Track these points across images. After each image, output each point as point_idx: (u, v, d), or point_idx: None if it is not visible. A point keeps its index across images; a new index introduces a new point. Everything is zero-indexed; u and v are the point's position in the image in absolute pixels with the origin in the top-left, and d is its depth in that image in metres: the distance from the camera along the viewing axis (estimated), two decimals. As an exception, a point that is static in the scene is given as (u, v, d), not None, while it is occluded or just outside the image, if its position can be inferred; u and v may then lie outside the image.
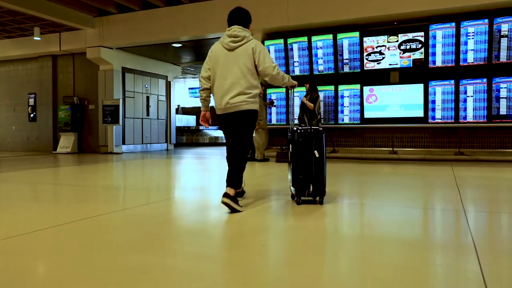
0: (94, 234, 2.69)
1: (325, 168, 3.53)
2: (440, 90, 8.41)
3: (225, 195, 3.19)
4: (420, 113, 8.48)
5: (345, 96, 9.20)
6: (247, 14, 3.48)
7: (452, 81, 8.30)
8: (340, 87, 9.23)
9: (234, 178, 3.31)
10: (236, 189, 3.29)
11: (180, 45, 11.33)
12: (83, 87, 12.42)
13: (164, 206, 3.74)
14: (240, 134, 3.40)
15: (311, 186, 3.44)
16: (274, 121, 9.89)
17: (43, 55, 12.57)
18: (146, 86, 13.12)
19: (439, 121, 8.41)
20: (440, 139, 8.70)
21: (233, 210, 3.19)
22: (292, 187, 3.62)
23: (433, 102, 8.47)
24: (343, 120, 9.23)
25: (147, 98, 13.18)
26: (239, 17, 3.43)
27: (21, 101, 13.23)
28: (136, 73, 12.69)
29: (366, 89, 8.91)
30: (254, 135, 8.10)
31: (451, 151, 8.45)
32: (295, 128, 3.60)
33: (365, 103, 8.91)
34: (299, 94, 9.02)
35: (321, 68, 9.37)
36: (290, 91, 3.97)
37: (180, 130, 18.14)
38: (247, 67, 3.29)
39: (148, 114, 13.19)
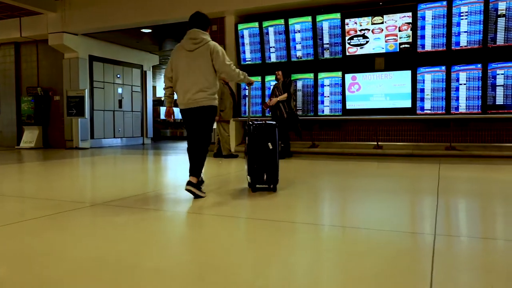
0: None
1: (277, 158, 3.87)
2: (430, 77, 7.53)
3: (188, 183, 3.60)
4: (408, 103, 7.61)
5: (325, 85, 8.32)
6: (205, 18, 3.80)
7: (443, 67, 7.42)
8: (320, 75, 8.35)
9: (196, 168, 3.66)
10: (197, 178, 3.64)
11: (149, 30, 10.41)
12: (48, 77, 11.51)
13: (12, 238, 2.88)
14: (200, 128, 3.72)
15: (265, 175, 3.84)
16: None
17: (4, 42, 11.64)
18: (118, 76, 12.22)
19: (429, 112, 7.55)
20: (430, 132, 7.85)
21: (196, 196, 3.61)
22: (248, 176, 3.92)
23: (422, 91, 7.60)
24: (323, 111, 8.36)
25: (119, 89, 12.27)
26: (198, 21, 3.75)
27: (-16, 92, 12.32)
28: (106, 61, 11.76)
29: (348, 77, 8.03)
30: (215, 127, 7.24)
31: (441, 146, 7.59)
32: (250, 123, 3.97)
33: (347, 93, 8.03)
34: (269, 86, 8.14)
35: (299, 54, 8.47)
36: (247, 88, 4.34)
37: (165, 123, 17.22)
38: (206, 66, 3.63)
39: (120, 106, 12.29)
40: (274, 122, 3.99)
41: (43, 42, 11.18)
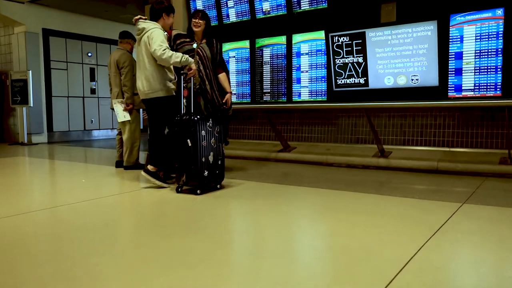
0: None
1: (199, 156, 3.26)
2: (474, 31, 4.22)
3: (144, 170, 3.58)
4: (433, 80, 4.38)
5: (302, 54, 5.29)
6: (154, 10, 3.67)
7: (500, 10, 4.06)
8: (295, 38, 5.33)
9: (153, 157, 3.61)
10: (156, 167, 3.57)
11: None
12: (4, 57, 9.64)
13: None
14: (152, 120, 3.72)
15: (185, 175, 3.31)
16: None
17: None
18: (89, 54, 10.03)
19: (470, 94, 4.26)
20: (472, 130, 4.54)
21: (153, 180, 3.54)
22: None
23: (459, 56, 4.31)
24: (299, 95, 5.35)
25: (91, 70, 10.10)
26: (150, 13, 3.70)
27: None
28: (70, 37, 9.60)
29: (337, 39, 4.92)
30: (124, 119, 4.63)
31: (492, 155, 4.28)
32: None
33: (336, 63, 4.95)
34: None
35: (266, 6, 5.50)
36: (186, 79, 3.66)
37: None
38: (147, 56, 3.54)
39: (93, 92, 10.13)
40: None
41: (-5, 15, 9.27)
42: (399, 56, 4.53)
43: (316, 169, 4.72)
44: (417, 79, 4.46)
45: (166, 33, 3.76)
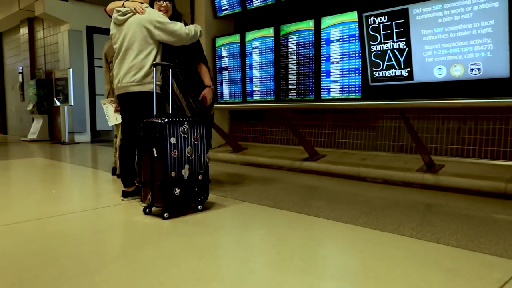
0: None
1: (168, 169, 2.52)
2: None
3: (123, 195, 3.04)
4: (501, 69, 3.19)
5: (332, 41, 4.30)
6: None
7: None
8: (324, 22, 4.35)
9: (126, 174, 3.03)
10: (132, 185, 3.05)
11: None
12: (52, 56, 9.70)
13: None
14: (129, 121, 3.02)
15: (150, 195, 2.61)
16: (226, 98, 5.52)
17: (22, 19, 10.25)
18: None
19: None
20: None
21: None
22: None
23: (540, 36, 3.07)
24: (329, 92, 4.37)
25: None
26: None
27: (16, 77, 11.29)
28: (116, 34, 9.41)
29: (373, 19, 3.88)
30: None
31: None
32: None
33: (372, 51, 3.91)
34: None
35: (292, -15, 4.59)
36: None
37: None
38: (142, 41, 2.93)
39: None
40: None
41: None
42: (453, 39, 3.38)
43: (345, 184, 3.74)
44: (478, 69, 3.29)
45: None
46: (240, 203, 3.01)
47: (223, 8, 5.38)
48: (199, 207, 2.74)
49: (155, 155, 2.57)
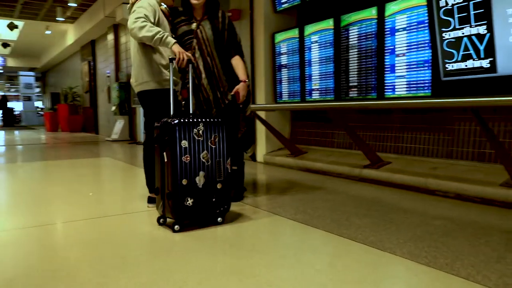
0: None
1: (178, 177, 2.23)
2: None
3: (148, 201, 2.87)
4: None
5: (398, 30, 3.70)
6: None
7: None
8: (389, 8, 3.77)
9: (150, 179, 2.79)
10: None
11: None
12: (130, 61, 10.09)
13: None
14: (147, 121, 2.83)
15: (161, 203, 2.36)
16: (285, 97, 5.14)
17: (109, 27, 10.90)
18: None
19: None
20: None
21: None
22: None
23: None
24: (393, 89, 3.78)
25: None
26: None
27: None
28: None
29: (445, 1, 3.22)
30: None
31: None
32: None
33: (444, 39, 3.26)
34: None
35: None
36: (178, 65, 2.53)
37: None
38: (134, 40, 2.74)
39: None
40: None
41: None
42: (551, 18, 2.64)
43: (407, 198, 3.16)
44: None
45: (165, 5, 2.84)
46: (270, 216, 2.64)
47: (282, 1, 5.01)
48: (218, 219, 2.42)
49: (165, 160, 2.31)
